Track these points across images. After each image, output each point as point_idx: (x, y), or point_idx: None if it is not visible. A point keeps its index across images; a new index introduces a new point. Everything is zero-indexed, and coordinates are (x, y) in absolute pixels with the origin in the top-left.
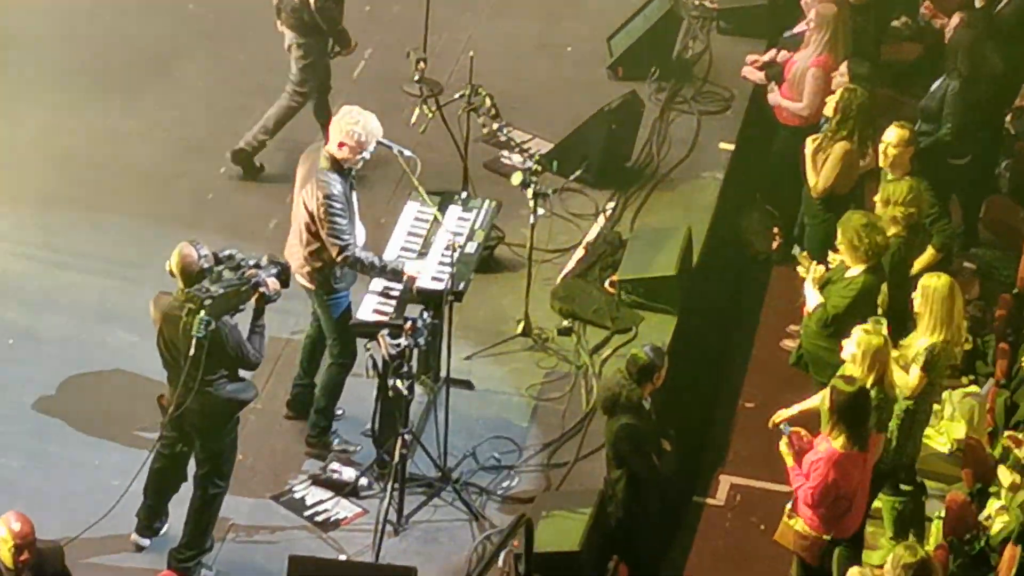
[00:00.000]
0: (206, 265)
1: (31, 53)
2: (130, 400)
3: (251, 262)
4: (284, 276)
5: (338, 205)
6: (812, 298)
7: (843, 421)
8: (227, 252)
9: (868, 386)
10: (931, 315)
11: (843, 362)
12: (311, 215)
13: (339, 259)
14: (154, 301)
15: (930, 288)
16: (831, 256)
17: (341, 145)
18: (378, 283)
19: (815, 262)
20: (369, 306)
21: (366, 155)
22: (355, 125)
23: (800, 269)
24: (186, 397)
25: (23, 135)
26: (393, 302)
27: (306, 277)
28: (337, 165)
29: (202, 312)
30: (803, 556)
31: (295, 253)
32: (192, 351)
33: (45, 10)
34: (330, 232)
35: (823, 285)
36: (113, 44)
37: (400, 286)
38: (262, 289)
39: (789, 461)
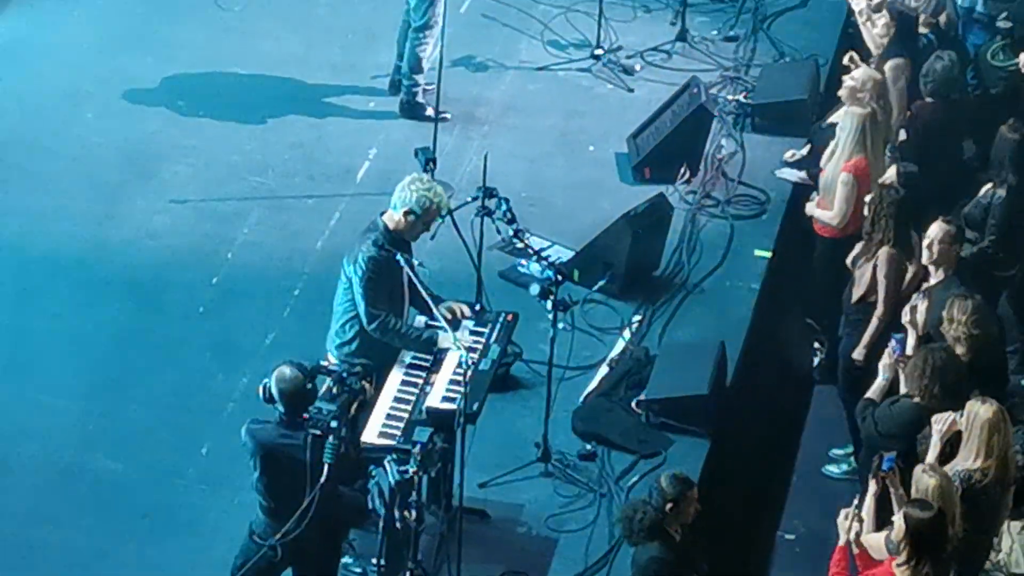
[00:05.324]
0: (309, 386)
1: (9, 154)
2: (114, 538)
3: (340, 371)
4: (368, 374)
5: (374, 270)
6: None
7: (916, 550)
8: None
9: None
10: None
11: None
12: (349, 280)
13: (370, 327)
14: (252, 434)
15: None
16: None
17: (408, 214)
18: (386, 397)
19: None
20: (375, 428)
21: (433, 227)
22: (428, 193)
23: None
24: (305, 529)
25: None
26: (400, 424)
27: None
28: (389, 235)
29: (331, 437)
30: None
31: (331, 336)
32: (323, 479)
33: (28, 111)
34: (362, 295)
35: None
36: (98, 144)
37: (429, 357)
38: (361, 396)
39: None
